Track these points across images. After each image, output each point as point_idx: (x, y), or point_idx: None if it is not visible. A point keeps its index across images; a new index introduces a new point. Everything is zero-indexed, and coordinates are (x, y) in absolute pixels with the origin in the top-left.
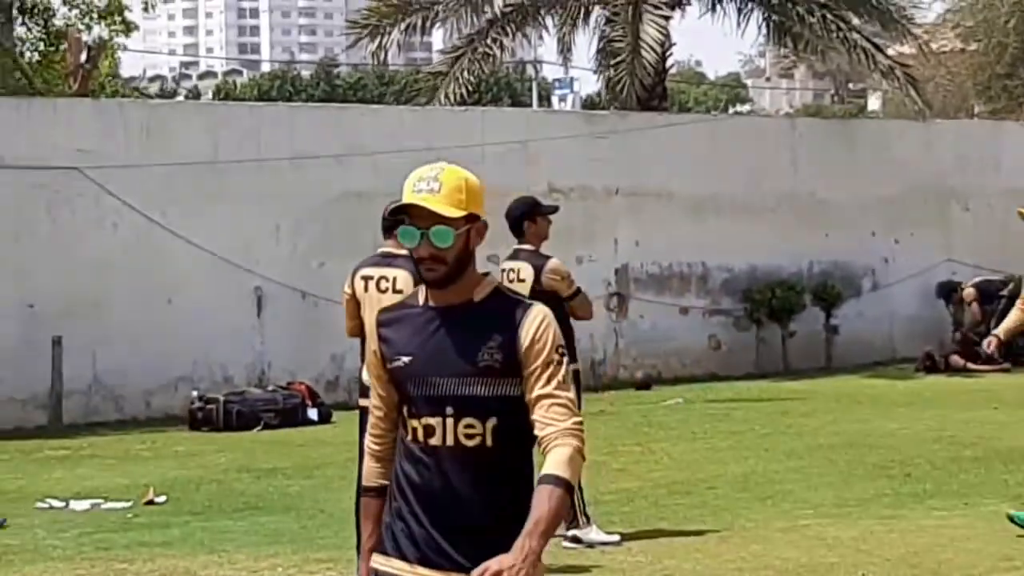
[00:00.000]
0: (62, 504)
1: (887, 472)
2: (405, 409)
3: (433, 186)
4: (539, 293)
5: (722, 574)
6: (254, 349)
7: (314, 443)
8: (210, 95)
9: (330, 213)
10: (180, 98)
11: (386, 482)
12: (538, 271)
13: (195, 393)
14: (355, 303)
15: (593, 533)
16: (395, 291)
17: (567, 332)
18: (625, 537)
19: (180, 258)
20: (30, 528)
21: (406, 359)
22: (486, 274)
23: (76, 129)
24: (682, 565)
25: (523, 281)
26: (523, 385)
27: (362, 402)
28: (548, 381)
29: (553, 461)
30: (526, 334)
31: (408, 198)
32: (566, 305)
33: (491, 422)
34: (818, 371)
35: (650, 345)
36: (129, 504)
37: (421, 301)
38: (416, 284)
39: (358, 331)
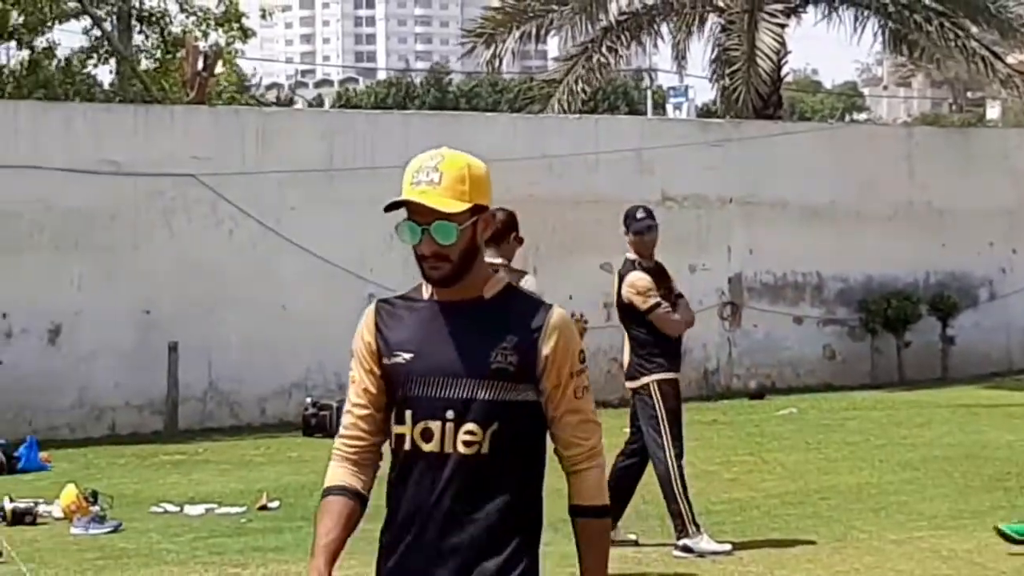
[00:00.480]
0: (177, 508)
1: (1003, 484)
2: (395, 413)
3: (433, 177)
4: (620, 304)
5: None
6: None
7: None
8: (327, 104)
9: None
10: (298, 106)
11: (357, 484)
12: (621, 282)
13: (309, 399)
14: None
15: (704, 542)
16: None
17: (675, 342)
18: (737, 547)
19: (294, 265)
20: (145, 532)
21: (407, 356)
22: (497, 270)
23: (193, 136)
24: (793, 575)
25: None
26: (543, 396)
27: None
28: (575, 395)
29: (590, 489)
30: (548, 340)
31: (407, 193)
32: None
33: (492, 428)
34: (934, 382)
35: (764, 355)
36: (243, 509)
37: (426, 295)
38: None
39: None
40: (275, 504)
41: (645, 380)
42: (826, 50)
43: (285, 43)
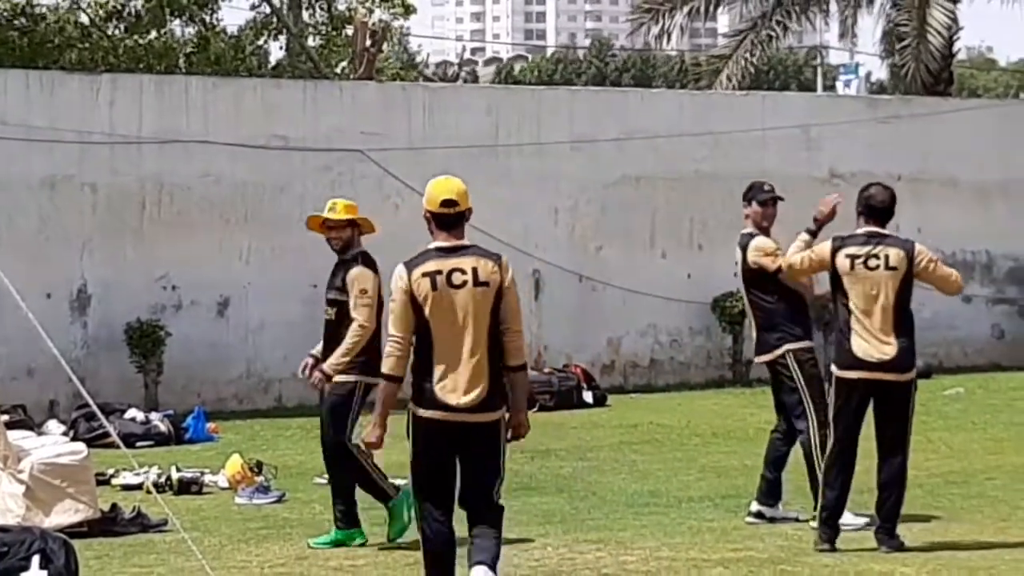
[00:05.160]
0: None
1: None
2: None
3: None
4: (746, 275)
5: (998, 564)
6: (531, 331)
7: (588, 426)
8: (484, 80)
9: (608, 197)
10: (461, 82)
11: None
12: (744, 253)
13: None
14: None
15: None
16: None
17: (804, 310)
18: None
19: None
20: (308, 503)
21: None
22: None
23: (360, 112)
24: (956, 555)
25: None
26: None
27: None
28: None
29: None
30: None
31: None
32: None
33: None
34: None
35: (931, 334)
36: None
37: None
38: None
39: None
40: None
41: (780, 351)
42: (1004, 28)
43: (456, 21)
